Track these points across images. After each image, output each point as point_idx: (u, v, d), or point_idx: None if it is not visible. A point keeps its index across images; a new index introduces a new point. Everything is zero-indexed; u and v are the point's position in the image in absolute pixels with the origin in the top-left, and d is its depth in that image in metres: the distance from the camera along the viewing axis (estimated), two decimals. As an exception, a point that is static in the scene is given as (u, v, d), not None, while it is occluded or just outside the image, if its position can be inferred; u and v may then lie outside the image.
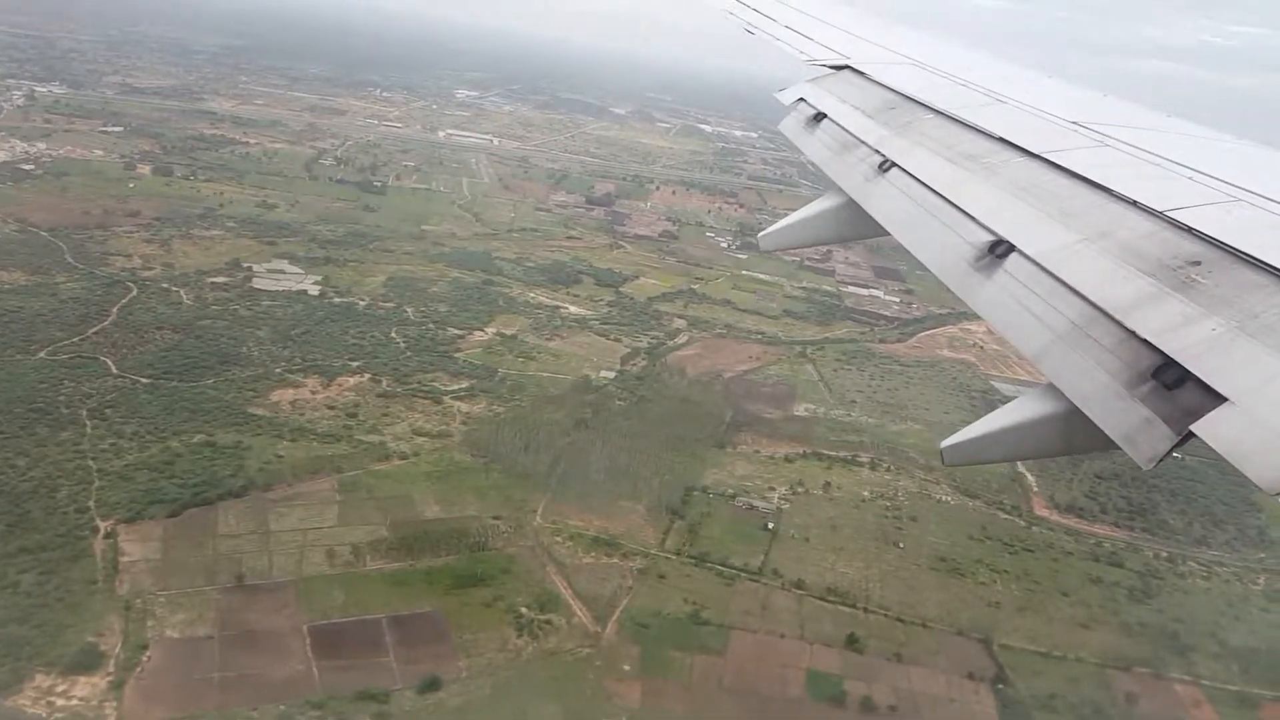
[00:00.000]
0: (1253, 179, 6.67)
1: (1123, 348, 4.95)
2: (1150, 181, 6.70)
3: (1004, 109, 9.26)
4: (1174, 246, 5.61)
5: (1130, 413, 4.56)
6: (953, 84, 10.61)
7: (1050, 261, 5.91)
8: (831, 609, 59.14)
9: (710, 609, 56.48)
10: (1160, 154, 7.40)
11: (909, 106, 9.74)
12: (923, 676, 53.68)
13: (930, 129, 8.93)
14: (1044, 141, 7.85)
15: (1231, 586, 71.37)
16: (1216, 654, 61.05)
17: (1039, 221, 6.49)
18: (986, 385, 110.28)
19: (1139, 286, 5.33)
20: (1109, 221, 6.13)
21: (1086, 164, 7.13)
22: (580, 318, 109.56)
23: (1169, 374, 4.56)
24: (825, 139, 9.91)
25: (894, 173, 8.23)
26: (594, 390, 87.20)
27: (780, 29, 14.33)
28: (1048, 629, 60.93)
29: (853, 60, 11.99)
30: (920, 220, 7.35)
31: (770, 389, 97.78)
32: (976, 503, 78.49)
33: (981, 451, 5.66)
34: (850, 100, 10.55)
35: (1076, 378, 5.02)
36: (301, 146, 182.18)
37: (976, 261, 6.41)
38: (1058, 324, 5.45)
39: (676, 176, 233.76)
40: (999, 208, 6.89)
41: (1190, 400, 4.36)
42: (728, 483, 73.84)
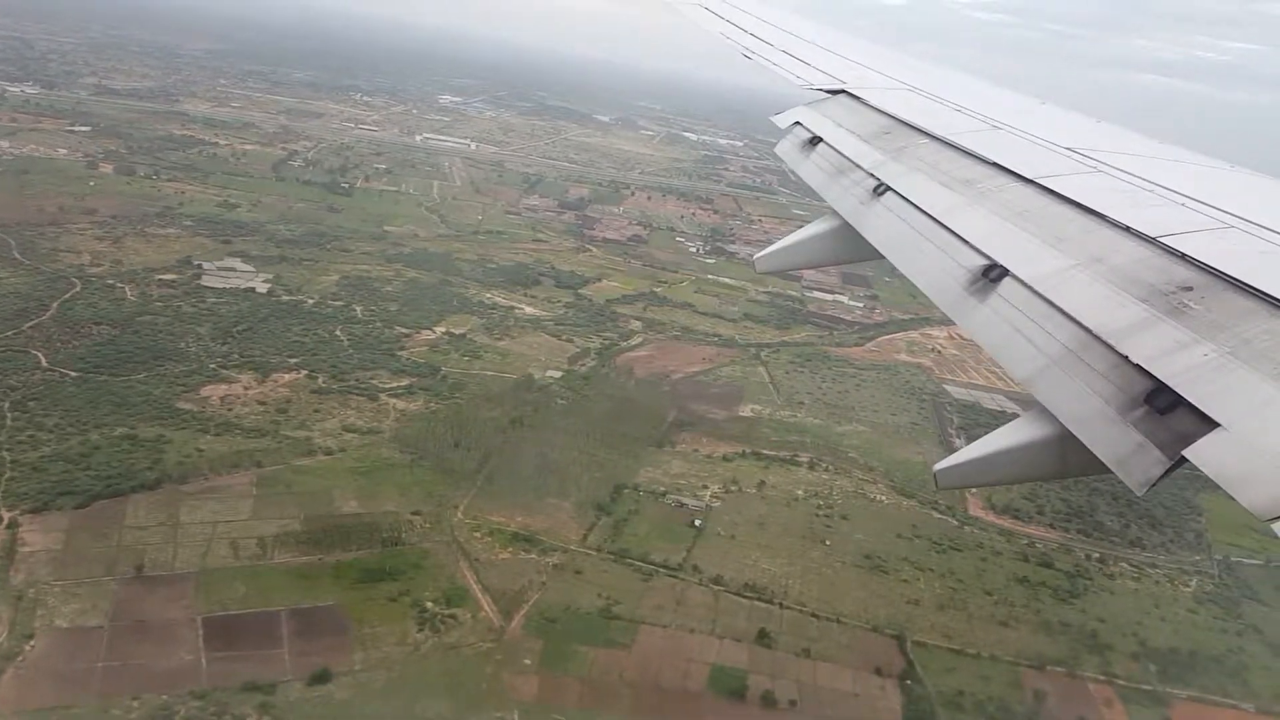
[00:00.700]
0: (1244, 206, 6.70)
1: (1115, 372, 4.94)
2: (1143, 208, 6.74)
3: (998, 135, 9.32)
4: (1166, 272, 5.62)
5: (1123, 437, 4.56)
6: (948, 110, 10.71)
7: (1044, 286, 5.96)
8: (747, 605, 58.87)
9: (623, 604, 56.17)
10: (1153, 180, 7.47)
11: (904, 131, 9.79)
12: (830, 672, 53.42)
13: (925, 154, 8.97)
14: (1038, 167, 7.96)
15: (1161, 588, 71.29)
16: (1135, 654, 60.91)
17: (1033, 246, 6.54)
18: (939, 389, 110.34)
19: (1132, 312, 5.34)
20: (1102, 247, 6.16)
21: (1080, 190, 7.19)
22: (534, 318, 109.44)
23: (1161, 399, 4.55)
24: (821, 162, 9.95)
25: (889, 197, 8.29)
26: (536, 389, 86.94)
27: (777, 54, 14.44)
28: (966, 627, 60.74)
29: (849, 85, 12.07)
30: (915, 244, 7.40)
31: (718, 390, 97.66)
32: (911, 503, 78.37)
33: (974, 475, 5.82)
34: (846, 124, 10.60)
35: (1069, 402, 5.03)
36: (272, 148, 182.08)
37: (970, 285, 6.44)
38: (1051, 348, 5.47)
39: (654, 182, 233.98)
40: (993, 232, 6.95)
41: (1183, 425, 4.35)
42: (661, 481, 73.61)
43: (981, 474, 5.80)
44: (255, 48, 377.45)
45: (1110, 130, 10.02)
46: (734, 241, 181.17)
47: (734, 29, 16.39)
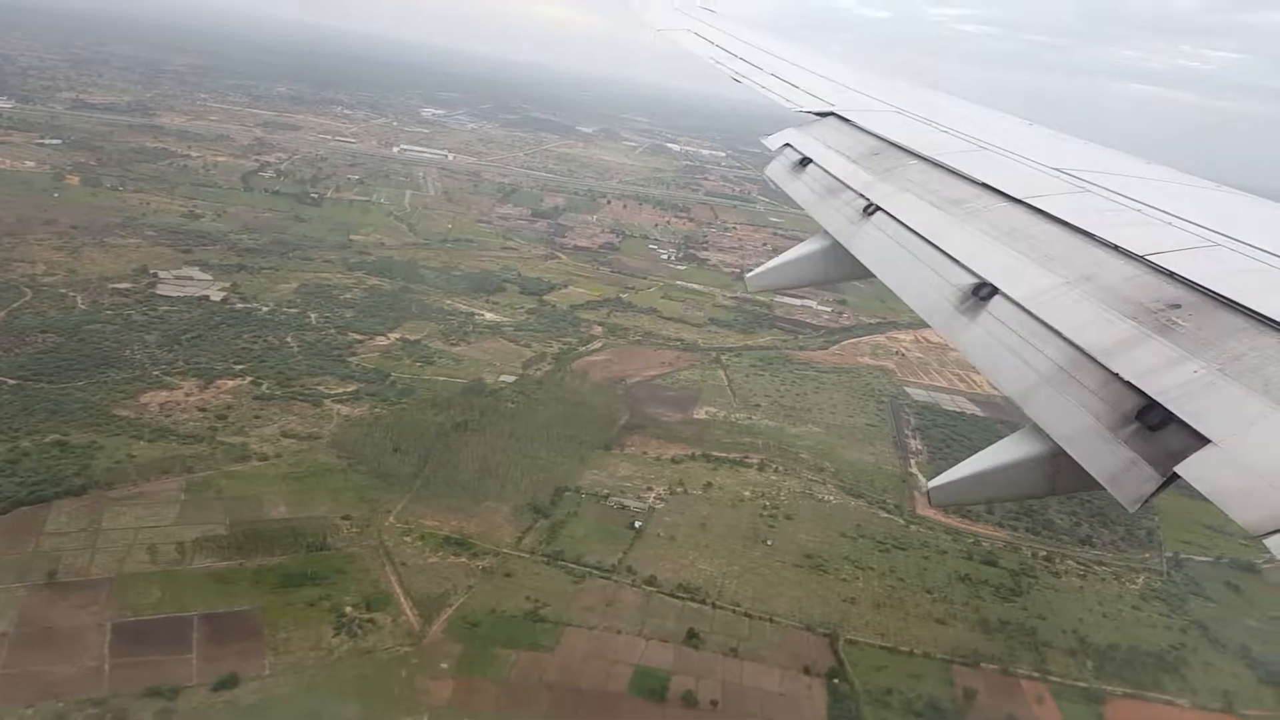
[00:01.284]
0: (1229, 224, 6.75)
1: (1106, 390, 4.93)
2: (1130, 226, 6.77)
3: (986, 155, 9.37)
4: (1155, 290, 5.64)
5: (1114, 454, 4.57)
6: (936, 131, 10.75)
7: (1033, 304, 5.97)
8: (679, 605, 58.28)
9: (551, 606, 55.55)
10: (1139, 199, 7.49)
11: (893, 152, 9.86)
12: (756, 671, 52.79)
13: (914, 174, 9.04)
14: (1026, 187, 7.96)
15: (1107, 585, 70.81)
16: (1073, 650, 60.37)
17: (1022, 265, 6.57)
18: (899, 391, 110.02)
19: (1121, 329, 5.35)
20: (1091, 265, 6.19)
21: (1068, 209, 7.23)
22: (494, 324, 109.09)
23: (1152, 416, 4.55)
24: (811, 183, 10.01)
25: (879, 216, 8.33)
26: (486, 394, 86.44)
27: (766, 77, 14.57)
28: (902, 625, 60.17)
29: (837, 107, 12.14)
30: (905, 262, 7.44)
31: (674, 393, 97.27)
32: (859, 502, 77.92)
33: (967, 493, 5.79)
34: (835, 146, 10.70)
35: (1061, 419, 5.02)
36: (244, 160, 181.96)
37: (961, 303, 6.44)
38: (1042, 366, 5.46)
39: (631, 191, 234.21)
40: (982, 251, 6.98)
41: (1174, 442, 4.36)
42: (605, 483, 73.08)
43: (974, 491, 5.80)
44: (240, 63, 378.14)
45: (1097, 150, 10.16)
46: (707, 248, 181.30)
47: (723, 53, 16.66)
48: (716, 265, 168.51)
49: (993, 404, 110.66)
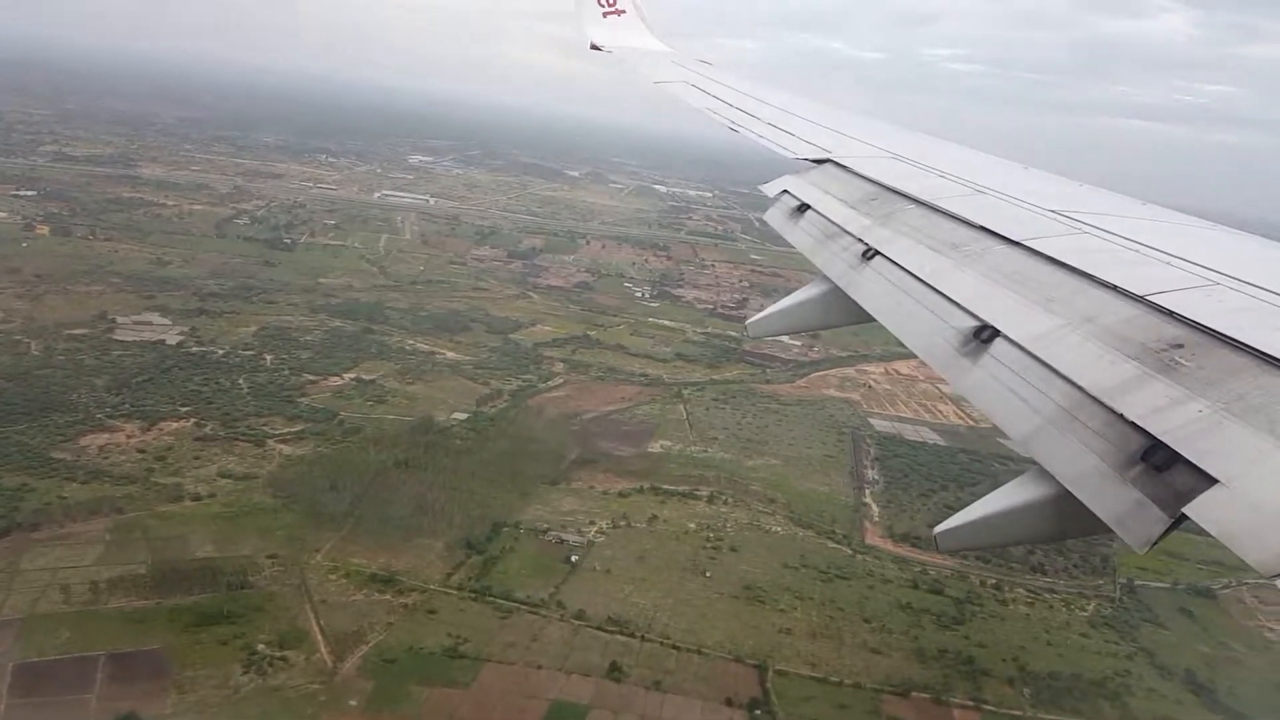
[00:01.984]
0: (1228, 263, 6.85)
1: (1111, 431, 4.95)
2: (1129, 267, 6.88)
3: (983, 199, 9.52)
4: (1156, 330, 5.68)
5: (1121, 496, 4.57)
6: (932, 175, 10.95)
7: (1035, 346, 6.02)
8: (607, 639, 57.40)
9: (472, 642, 54.72)
10: (1137, 240, 7.59)
11: (890, 197, 10.03)
12: (677, 704, 51.80)
13: (912, 218, 9.17)
14: (1024, 230, 8.06)
15: (1056, 612, 69.78)
16: (1011, 679, 59.31)
17: (1022, 307, 6.65)
18: (862, 422, 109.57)
19: (1124, 370, 5.37)
20: (1091, 306, 6.27)
21: (1067, 251, 7.34)
22: (454, 363, 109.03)
23: (1158, 456, 4.58)
24: (809, 228, 10.21)
25: (878, 260, 8.47)
26: (436, 431, 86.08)
27: (763, 126, 14.95)
28: (835, 655, 59.18)
29: (834, 154, 12.41)
30: (905, 306, 7.54)
31: (630, 428, 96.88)
32: (808, 533, 77.17)
33: (974, 537, 5.69)
34: (833, 191, 10.89)
35: (1066, 461, 5.05)
36: (222, 208, 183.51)
37: (962, 346, 6.52)
38: (1045, 407, 5.48)
39: (613, 232, 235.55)
40: (982, 294, 7.08)
41: (1181, 482, 4.36)
42: (547, 518, 72.45)
43: (981, 536, 5.65)
44: (233, 115, 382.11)
45: (1092, 192, 10.30)
46: (682, 285, 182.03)
47: (719, 104, 17.04)
48: (690, 302, 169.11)
49: (956, 434, 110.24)
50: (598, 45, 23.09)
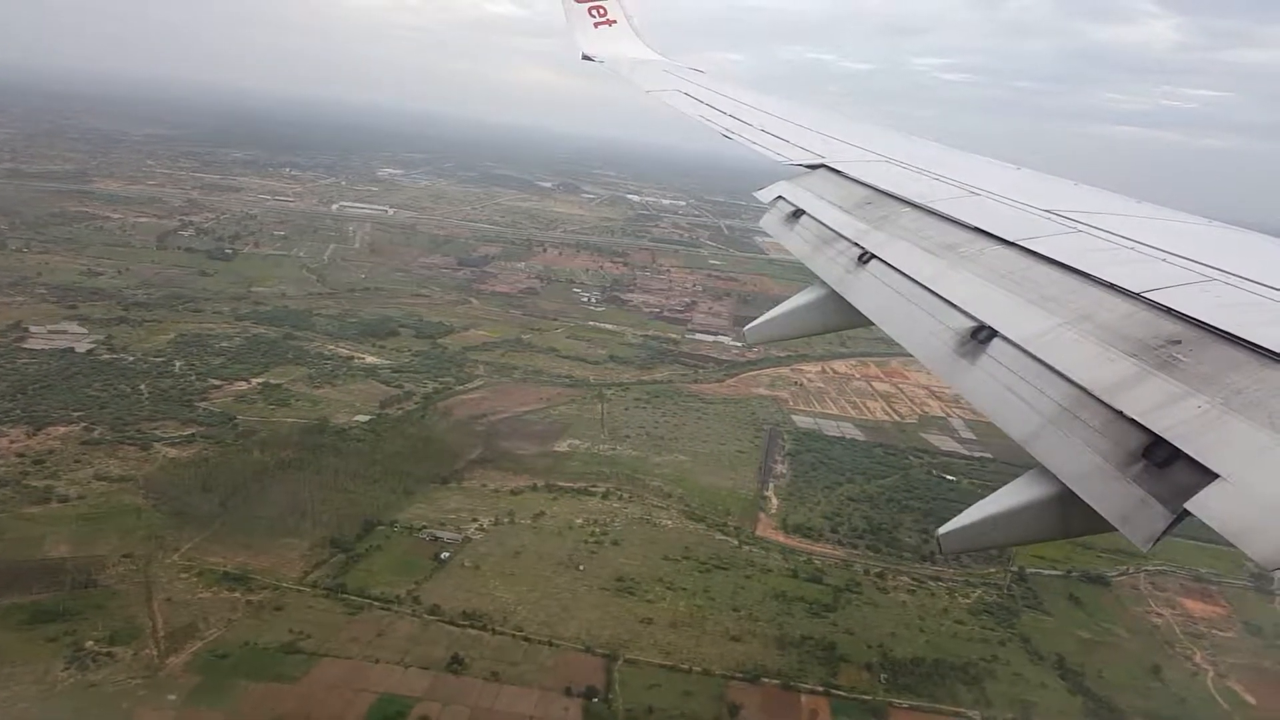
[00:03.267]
0: (1223, 258, 6.87)
1: (1111, 428, 4.98)
2: (1125, 265, 6.91)
3: (978, 200, 9.55)
4: (1154, 327, 5.72)
5: (1124, 493, 4.60)
6: (926, 179, 11.00)
7: (1033, 345, 6.04)
8: (458, 633, 56.76)
9: (313, 638, 54.06)
10: (1132, 238, 7.62)
11: (885, 201, 10.07)
12: (513, 695, 51.15)
13: (907, 221, 9.21)
14: (1019, 230, 8.10)
15: (937, 600, 69.22)
16: (870, 665, 58.67)
17: (1019, 307, 6.68)
18: (784, 419, 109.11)
19: (1123, 367, 5.40)
20: (1088, 305, 6.30)
21: (1062, 250, 7.37)
22: (372, 367, 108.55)
23: (1159, 453, 4.61)
24: (805, 234, 10.23)
25: (874, 264, 8.50)
26: (331, 433, 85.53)
27: (756, 132, 14.98)
28: (693, 644, 58.53)
29: (828, 159, 12.45)
30: (902, 309, 7.58)
31: (541, 428, 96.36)
32: (698, 526, 76.64)
33: (978, 538, 5.66)
34: (828, 197, 10.92)
35: (1067, 460, 5.06)
36: (169, 220, 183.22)
37: (960, 347, 6.54)
38: (1045, 407, 5.49)
39: (574, 240, 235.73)
40: (979, 295, 7.10)
41: (1182, 478, 4.39)
42: (427, 517, 71.83)
43: (985, 536, 5.62)
44: (207, 132, 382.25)
45: (1087, 191, 10.31)
46: (632, 290, 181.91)
47: (713, 111, 17.11)
48: (637, 306, 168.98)
49: (879, 429, 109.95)
50: (590, 55, 23.18)
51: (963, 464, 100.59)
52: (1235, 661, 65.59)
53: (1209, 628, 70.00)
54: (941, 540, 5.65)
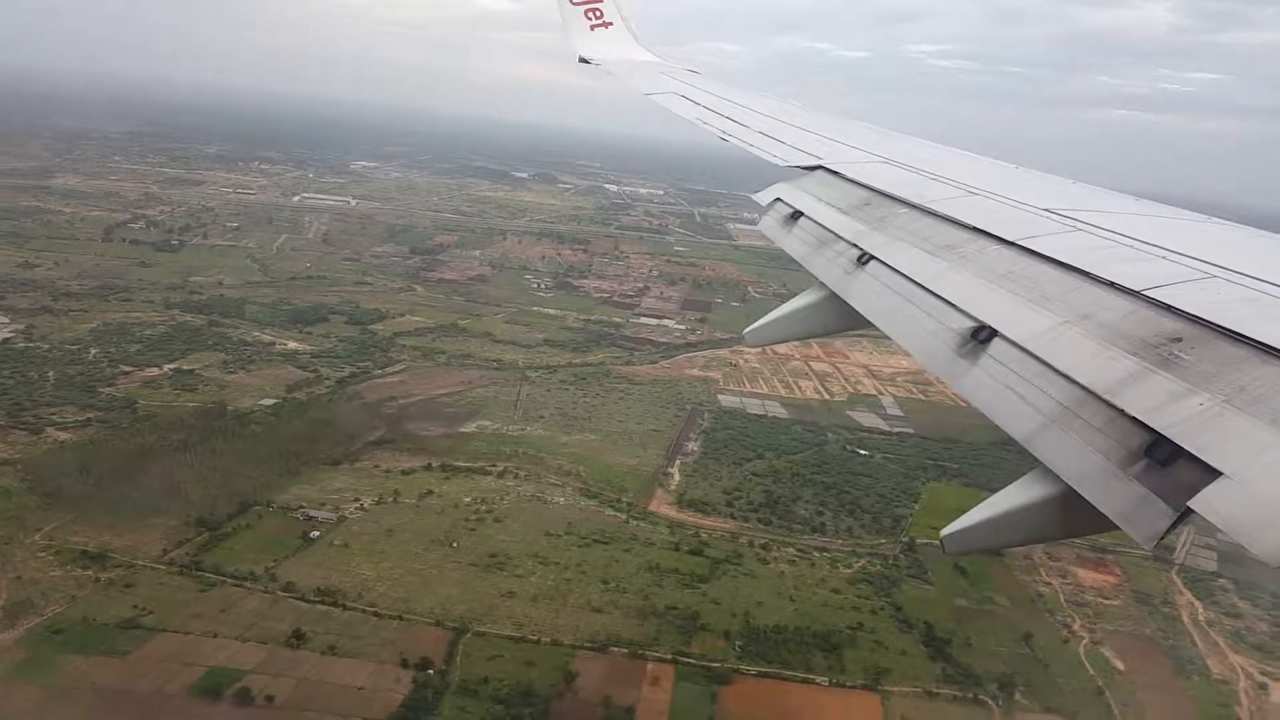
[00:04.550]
0: (1223, 255, 6.87)
1: (1113, 427, 4.97)
2: (1125, 263, 6.90)
3: (976, 200, 9.57)
4: (1154, 325, 5.70)
5: (1126, 492, 4.59)
6: (924, 179, 11.05)
7: (1034, 345, 6.03)
8: (307, 609, 56.48)
9: (156, 614, 53.82)
10: (1132, 235, 7.62)
11: (883, 202, 10.09)
12: (346, 667, 50.89)
13: (905, 222, 9.26)
14: (1018, 229, 8.10)
15: (818, 570, 68.80)
16: (727, 633, 58.33)
17: (1019, 306, 6.68)
18: (710, 399, 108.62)
19: (1124, 365, 5.38)
20: (1089, 303, 6.29)
21: (1062, 249, 7.38)
22: (292, 352, 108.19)
23: (1161, 451, 4.60)
24: (803, 235, 10.21)
25: (873, 265, 8.51)
26: (231, 417, 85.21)
27: (752, 134, 15.03)
28: (550, 616, 58.19)
29: (825, 160, 12.45)
30: (901, 310, 7.59)
31: (454, 410, 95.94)
32: (591, 503, 76.30)
33: (981, 539, 5.64)
34: (825, 198, 10.92)
35: (1069, 459, 5.04)
36: (121, 214, 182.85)
37: (960, 347, 6.53)
38: (1046, 406, 5.47)
39: (538, 228, 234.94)
40: (979, 295, 7.11)
41: (1185, 476, 4.37)
42: (309, 497, 71.48)
43: (988, 537, 5.60)
44: (185, 129, 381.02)
45: (1085, 189, 10.37)
46: (587, 277, 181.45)
47: (710, 113, 17.16)
48: (588, 291, 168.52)
49: (805, 407, 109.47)
50: (586, 58, 23.20)
51: (880, 439, 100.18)
52: (1114, 629, 65.18)
53: (1096, 596, 69.55)
54: (944, 542, 5.62)
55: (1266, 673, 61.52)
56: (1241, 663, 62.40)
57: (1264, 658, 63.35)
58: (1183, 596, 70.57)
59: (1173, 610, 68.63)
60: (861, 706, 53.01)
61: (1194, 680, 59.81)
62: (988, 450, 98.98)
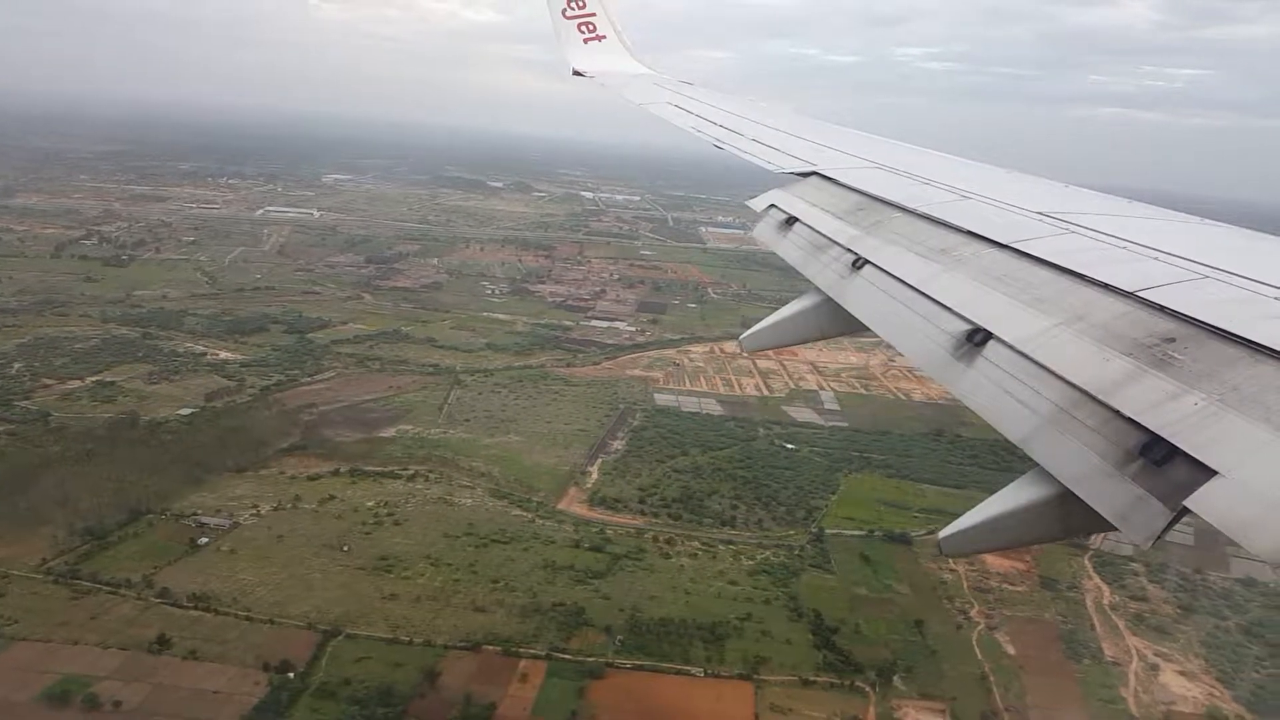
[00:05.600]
0: (1215, 256, 6.90)
1: (1108, 427, 5.00)
2: (1118, 264, 6.95)
3: (970, 204, 9.64)
4: (1148, 325, 5.73)
5: (1122, 492, 4.62)
6: (917, 184, 11.10)
7: (1029, 346, 6.06)
8: (179, 615, 55.75)
9: (21, 623, 53.15)
10: (1124, 237, 7.68)
11: (877, 207, 10.18)
12: (205, 672, 50.18)
13: (900, 226, 9.33)
14: (1012, 232, 8.17)
15: (720, 563, 68.17)
16: (608, 628, 57.62)
17: (1014, 308, 6.72)
18: (646, 398, 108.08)
19: (1119, 366, 5.41)
20: (1083, 305, 6.33)
21: (1055, 251, 7.44)
22: (223, 362, 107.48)
23: (1157, 451, 4.63)
24: (798, 241, 10.32)
25: (868, 270, 8.59)
26: (145, 427, 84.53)
27: (747, 142, 15.18)
28: (430, 617, 57.46)
29: (819, 166, 12.58)
30: (897, 313, 7.64)
31: (377, 415, 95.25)
32: (500, 503, 75.70)
33: (979, 541, 5.69)
34: (820, 204, 11.03)
35: (1065, 460, 5.09)
36: (76, 230, 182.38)
37: (955, 350, 6.58)
38: (1042, 407, 5.51)
39: (504, 235, 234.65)
40: (973, 297, 7.15)
41: (1180, 476, 4.40)
42: (207, 504, 70.72)
43: (985, 539, 5.64)
44: (164, 147, 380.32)
45: (1078, 192, 10.43)
46: (544, 282, 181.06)
47: (704, 122, 17.39)
48: (543, 296, 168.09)
49: (742, 405, 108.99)
50: (581, 71, 23.40)
51: (812, 433, 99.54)
52: (1013, 614, 64.52)
53: (1002, 582, 68.86)
54: (942, 544, 5.63)
55: (1161, 654, 60.88)
56: (1138, 645, 61.77)
57: (1161, 639, 62.74)
58: (1091, 581, 69.92)
59: (1078, 595, 67.96)
60: (734, 696, 52.29)
61: (1085, 664, 59.12)
62: (918, 441, 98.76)
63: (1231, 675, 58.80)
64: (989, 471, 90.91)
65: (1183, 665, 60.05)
